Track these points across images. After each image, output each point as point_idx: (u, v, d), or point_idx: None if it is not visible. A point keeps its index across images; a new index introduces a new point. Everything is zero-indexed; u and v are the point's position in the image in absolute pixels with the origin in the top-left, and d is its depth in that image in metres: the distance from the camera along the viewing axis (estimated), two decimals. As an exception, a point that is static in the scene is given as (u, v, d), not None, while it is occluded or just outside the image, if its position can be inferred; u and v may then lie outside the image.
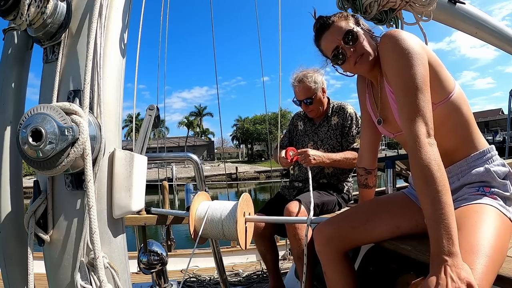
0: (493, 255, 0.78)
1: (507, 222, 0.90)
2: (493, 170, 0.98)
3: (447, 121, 0.98)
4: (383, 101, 1.12)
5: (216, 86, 4.59)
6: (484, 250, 0.78)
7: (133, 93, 1.44)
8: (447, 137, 0.98)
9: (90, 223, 0.71)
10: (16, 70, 0.99)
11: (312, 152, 1.74)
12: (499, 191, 0.96)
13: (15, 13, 0.72)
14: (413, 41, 0.92)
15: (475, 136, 1.01)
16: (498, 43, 2.07)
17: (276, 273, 2.00)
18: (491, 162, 1.00)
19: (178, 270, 2.94)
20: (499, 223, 0.87)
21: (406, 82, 0.89)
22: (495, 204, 0.92)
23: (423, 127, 0.85)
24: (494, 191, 0.96)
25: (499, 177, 0.98)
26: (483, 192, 0.96)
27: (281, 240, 3.16)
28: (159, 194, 2.77)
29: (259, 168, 31.44)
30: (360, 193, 1.45)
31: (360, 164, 1.38)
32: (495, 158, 1.01)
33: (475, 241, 0.79)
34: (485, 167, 0.98)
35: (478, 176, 0.98)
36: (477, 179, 0.98)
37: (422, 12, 1.14)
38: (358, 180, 1.42)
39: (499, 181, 0.97)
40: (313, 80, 1.92)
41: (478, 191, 0.96)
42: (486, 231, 0.82)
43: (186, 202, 1.73)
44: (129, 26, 0.94)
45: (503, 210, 0.91)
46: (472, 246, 0.79)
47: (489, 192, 0.95)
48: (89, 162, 0.71)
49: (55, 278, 0.79)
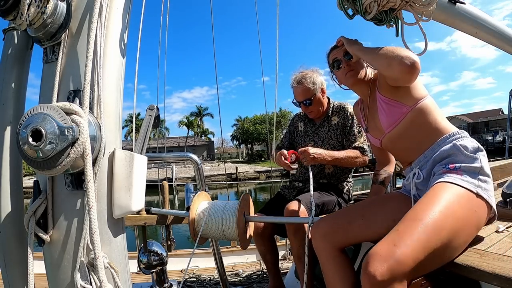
0: (434, 227, 0.85)
1: (468, 195, 0.95)
2: (460, 144, 1.06)
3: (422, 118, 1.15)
4: (371, 112, 1.35)
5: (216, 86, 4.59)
6: (425, 220, 0.86)
7: (133, 93, 1.44)
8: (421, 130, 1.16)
9: (90, 223, 0.71)
10: (16, 70, 0.99)
11: (313, 150, 1.74)
12: (467, 165, 1.02)
13: (15, 13, 0.72)
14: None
15: (445, 125, 1.15)
16: (498, 43, 2.08)
17: (276, 273, 2.00)
18: (460, 140, 1.09)
19: (178, 270, 2.94)
20: (455, 197, 0.94)
21: None
22: (455, 180, 0.97)
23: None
24: (460, 166, 1.02)
25: (466, 150, 1.05)
26: (447, 169, 1.03)
27: (281, 240, 3.16)
28: (159, 194, 2.77)
29: (259, 168, 31.45)
30: (372, 189, 1.60)
31: (379, 167, 1.58)
32: (465, 137, 1.11)
33: (420, 213, 0.88)
34: (452, 143, 1.08)
35: (445, 151, 1.08)
36: (444, 154, 1.08)
37: (422, 12, 1.14)
38: (374, 178, 1.59)
39: (466, 154, 1.04)
40: (312, 81, 1.91)
41: (444, 168, 1.04)
42: (435, 205, 0.90)
43: (186, 202, 1.73)
44: (129, 26, 0.94)
45: (464, 184, 0.96)
46: (416, 215, 0.88)
47: (454, 168, 1.02)
48: (89, 162, 0.71)
49: (55, 278, 0.79)
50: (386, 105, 1.22)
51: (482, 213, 0.98)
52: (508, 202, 1.39)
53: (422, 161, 1.16)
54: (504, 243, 1.05)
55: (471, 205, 0.95)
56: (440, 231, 0.85)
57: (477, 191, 0.97)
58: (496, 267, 0.84)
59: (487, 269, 0.84)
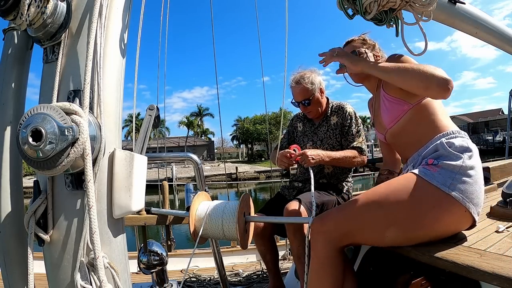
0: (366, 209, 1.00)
1: (426, 188, 0.98)
2: (446, 141, 1.06)
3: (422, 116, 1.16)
4: (376, 108, 1.38)
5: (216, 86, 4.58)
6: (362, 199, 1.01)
7: (133, 93, 1.43)
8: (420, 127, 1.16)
9: (90, 223, 0.71)
10: (16, 70, 0.99)
11: (310, 152, 1.74)
12: (446, 162, 1.01)
13: (15, 13, 0.72)
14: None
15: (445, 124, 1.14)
16: (498, 43, 2.08)
17: (276, 273, 2.00)
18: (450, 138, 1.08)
19: (178, 270, 2.94)
20: (407, 185, 0.99)
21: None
22: (423, 174, 1.00)
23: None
24: (438, 162, 1.02)
25: (450, 147, 1.04)
26: (425, 163, 1.05)
27: (281, 240, 3.15)
28: (159, 194, 2.77)
29: (259, 168, 31.44)
30: None
31: (384, 167, 1.57)
32: (459, 137, 1.09)
33: (365, 194, 1.01)
34: (440, 140, 1.07)
35: (432, 148, 1.08)
36: (431, 151, 1.08)
37: (422, 12, 1.13)
38: (379, 178, 1.57)
39: (449, 151, 1.03)
40: (310, 81, 1.91)
41: (423, 162, 1.07)
42: (381, 187, 1.02)
43: (186, 202, 1.73)
44: (129, 26, 0.94)
45: (428, 178, 0.99)
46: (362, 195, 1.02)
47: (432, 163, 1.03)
48: (89, 162, 0.71)
49: (55, 278, 0.79)
50: (388, 102, 1.24)
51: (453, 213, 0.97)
52: (508, 202, 1.39)
53: (415, 158, 1.15)
54: (504, 243, 1.05)
55: (431, 199, 0.97)
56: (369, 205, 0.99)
57: (445, 190, 0.96)
58: (496, 267, 0.84)
59: (487, 269, 0.84)
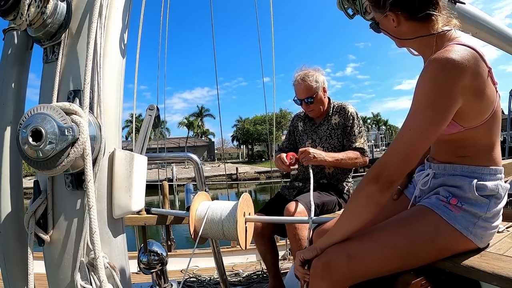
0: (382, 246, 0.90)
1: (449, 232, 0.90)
2: (476, 184, 0.91)
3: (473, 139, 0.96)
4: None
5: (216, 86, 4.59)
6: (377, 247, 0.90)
7: (134, 93, 1.43)
8: (462, 147, 0.97)
9: (90, 223, 0.71)
10: (16, 70, 0.99)
11: (313, 150, 1.74)
12: (471, 209, 0.90)
13: (15, 13, 0.73)
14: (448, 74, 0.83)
15: (489, 158, 0.97)
16: (498, 43, 2.07)
17: (276, 273, 2.00)
18: (485, 180, 0.93)
19: (178, 270, 2.94)
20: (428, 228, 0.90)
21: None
22: (438, 209, 0.92)
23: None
24: (463, 205, 0.91)
25: (480, 191, 0.91)
26: (447, 202, 0.93)
27: (281, 240, 3.15)
28: (159, 195, 2.77)
29: (260, 168, 31.42)
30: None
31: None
32: (492, 178, 0.94)
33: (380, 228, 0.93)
34: (473, 181, 0.92)
35: (460, 181, 0.94)
36: (457, 183, 0.94)
37: (422, 12, 1.13)
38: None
39: (476, 196, 0.91)
40: (314, 80, 1.91)
41: (445, 197, 0.94)
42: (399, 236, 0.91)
43: (186, 202, 1.73)
44: (129, 26, 0.94)
45: (449, 220, 0.90)
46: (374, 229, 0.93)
47: (454, 204, 0.91)
48: (89, 162, 0.71)
49: (55, 278, 0.79)
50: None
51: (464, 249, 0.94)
52: (508, 202, 1.39)
53: (440, 168, 1.02)
54: (504, 243, 1.05)
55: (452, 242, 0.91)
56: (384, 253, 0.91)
57: (466, 235, 0.91)
58: (496, 267, 0.84)
59: (487, 269, 0.84)
